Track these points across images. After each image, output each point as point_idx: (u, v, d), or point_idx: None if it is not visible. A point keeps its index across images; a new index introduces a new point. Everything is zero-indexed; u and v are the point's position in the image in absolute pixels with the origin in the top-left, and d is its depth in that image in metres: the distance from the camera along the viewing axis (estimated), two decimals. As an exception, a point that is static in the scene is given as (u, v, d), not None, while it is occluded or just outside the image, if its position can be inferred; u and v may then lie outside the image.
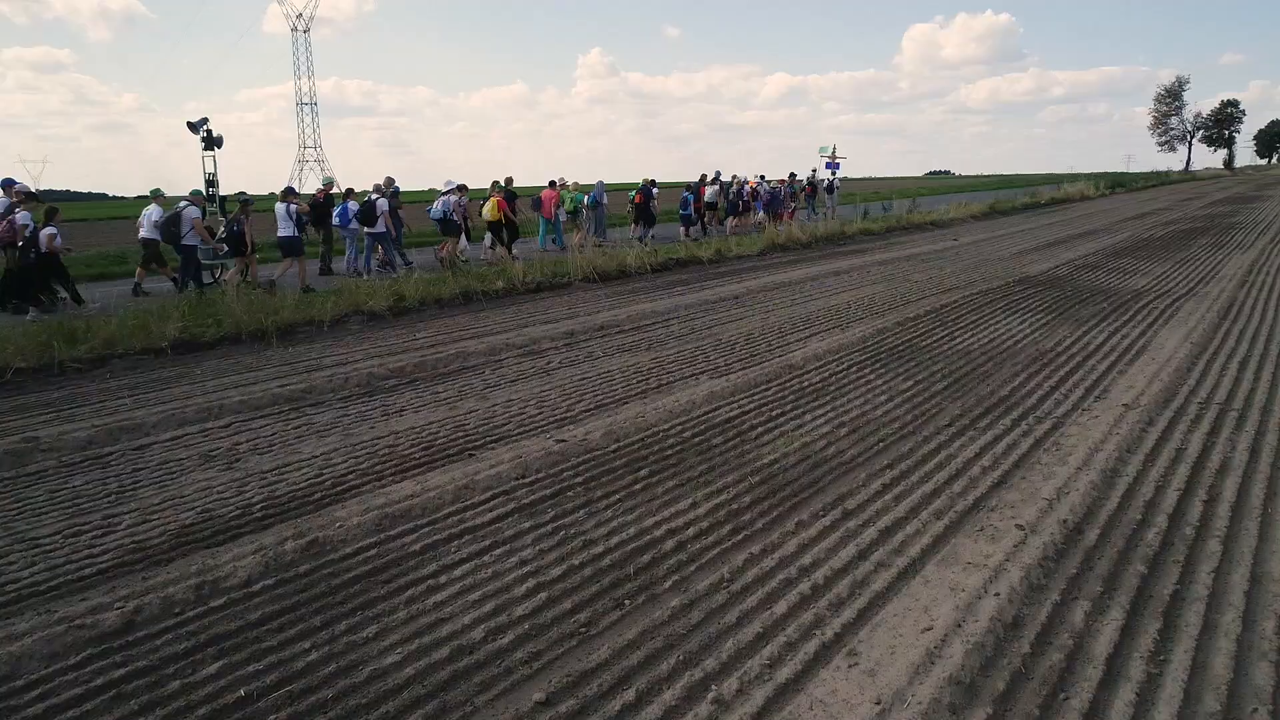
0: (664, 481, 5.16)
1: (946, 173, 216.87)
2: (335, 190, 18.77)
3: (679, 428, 6.20)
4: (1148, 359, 8.09)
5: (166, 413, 6.69)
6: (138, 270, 14.41)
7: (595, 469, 5.38)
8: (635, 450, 5.72)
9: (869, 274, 15.04)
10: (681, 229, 22.53)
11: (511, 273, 13.90)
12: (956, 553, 4.12)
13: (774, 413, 6.56)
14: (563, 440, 5.86)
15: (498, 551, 4.23)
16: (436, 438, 6.11)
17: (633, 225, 21.94)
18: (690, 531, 4.42)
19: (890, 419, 6.38)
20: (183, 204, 13.35)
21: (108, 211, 50.21)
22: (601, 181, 21.75)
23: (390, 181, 16.42)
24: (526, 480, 5.18)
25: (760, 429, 6.19)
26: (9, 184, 12.48)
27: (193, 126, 14.93)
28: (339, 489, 5.13)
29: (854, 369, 7.93)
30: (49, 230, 11.84)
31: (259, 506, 4.87)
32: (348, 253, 16.38)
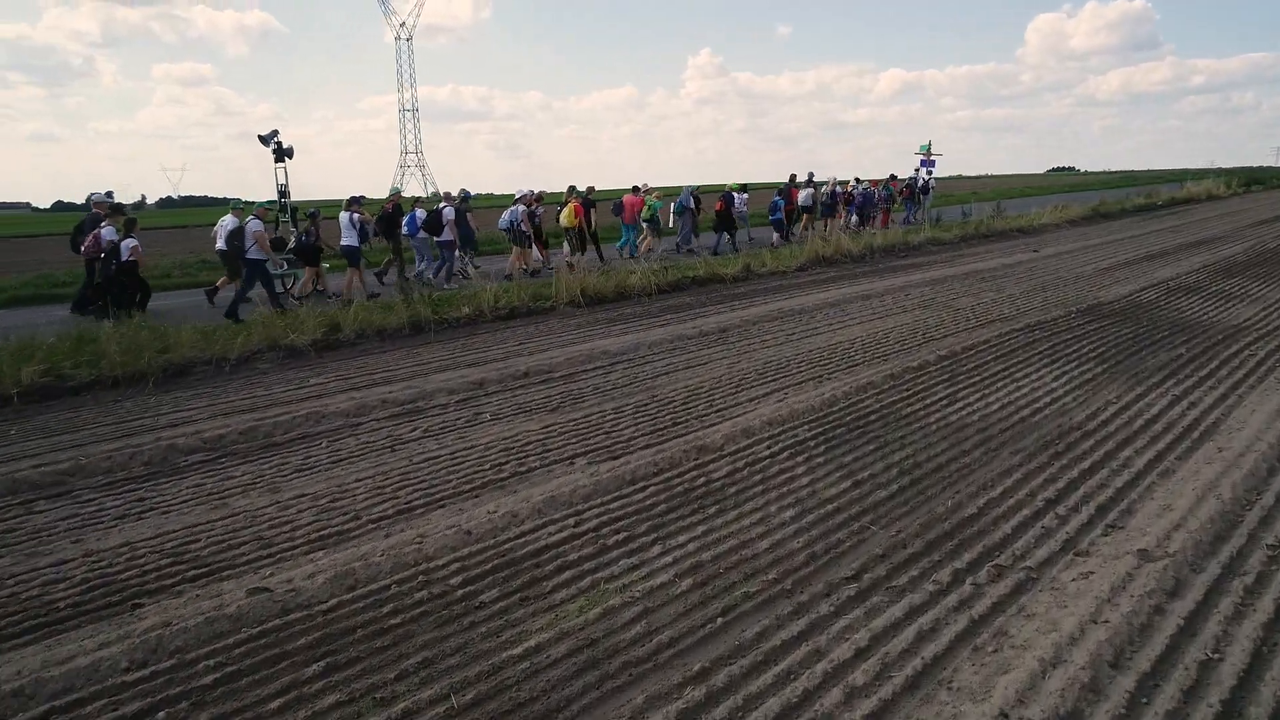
0: (330, 692, 3.31)
1: (1070, 169, 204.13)
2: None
3: (455, 566, 4.33)
4: (1211, 449, 5.66)
5: None
6: (225, 280, 14.20)
7: (254, 655, 3.58)
8: (351, 614, 3.89)
9: (906, 298, 12.64)
10: (774, 234, 21.23)
11: (480, 298, 12.25)
12: None
13: (613, 539, 4.59)
14: (264, 590, 4.08)
15: None
16: (128, 568, 4.44)
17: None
18: (242, 841, 2.57)
19: (775, 559, 4.32)
20: (248, 217, 12.82)
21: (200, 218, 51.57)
22: (689, 187, 20.31)
23: (464, 191, 16.64)
24: (131, 676, 3.43)
25: (569, 572, 4.26)
26: (92, 198, 12.95)
27: (263, 139, 14.70)
28: (-124, 676, 3.52)
29: (784, 455, 5.84)
30: (130, 241, 11.91)
31: None
32: (418, 263, 15.99)
